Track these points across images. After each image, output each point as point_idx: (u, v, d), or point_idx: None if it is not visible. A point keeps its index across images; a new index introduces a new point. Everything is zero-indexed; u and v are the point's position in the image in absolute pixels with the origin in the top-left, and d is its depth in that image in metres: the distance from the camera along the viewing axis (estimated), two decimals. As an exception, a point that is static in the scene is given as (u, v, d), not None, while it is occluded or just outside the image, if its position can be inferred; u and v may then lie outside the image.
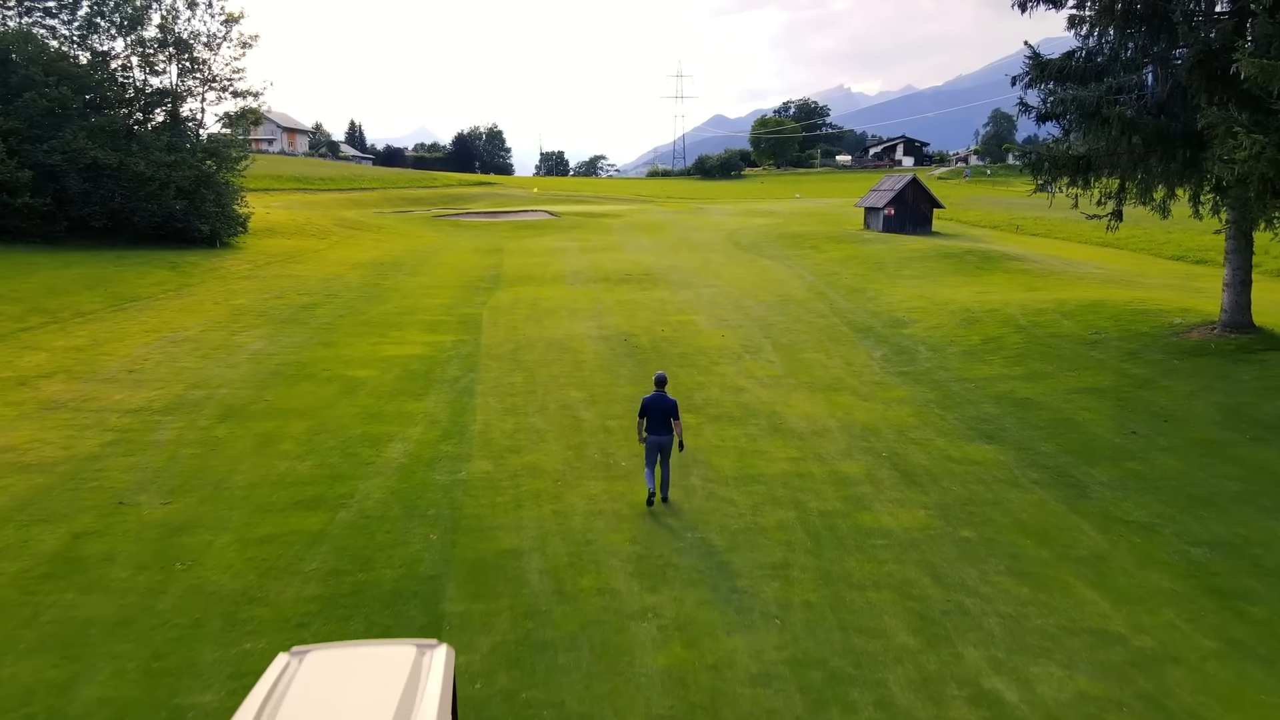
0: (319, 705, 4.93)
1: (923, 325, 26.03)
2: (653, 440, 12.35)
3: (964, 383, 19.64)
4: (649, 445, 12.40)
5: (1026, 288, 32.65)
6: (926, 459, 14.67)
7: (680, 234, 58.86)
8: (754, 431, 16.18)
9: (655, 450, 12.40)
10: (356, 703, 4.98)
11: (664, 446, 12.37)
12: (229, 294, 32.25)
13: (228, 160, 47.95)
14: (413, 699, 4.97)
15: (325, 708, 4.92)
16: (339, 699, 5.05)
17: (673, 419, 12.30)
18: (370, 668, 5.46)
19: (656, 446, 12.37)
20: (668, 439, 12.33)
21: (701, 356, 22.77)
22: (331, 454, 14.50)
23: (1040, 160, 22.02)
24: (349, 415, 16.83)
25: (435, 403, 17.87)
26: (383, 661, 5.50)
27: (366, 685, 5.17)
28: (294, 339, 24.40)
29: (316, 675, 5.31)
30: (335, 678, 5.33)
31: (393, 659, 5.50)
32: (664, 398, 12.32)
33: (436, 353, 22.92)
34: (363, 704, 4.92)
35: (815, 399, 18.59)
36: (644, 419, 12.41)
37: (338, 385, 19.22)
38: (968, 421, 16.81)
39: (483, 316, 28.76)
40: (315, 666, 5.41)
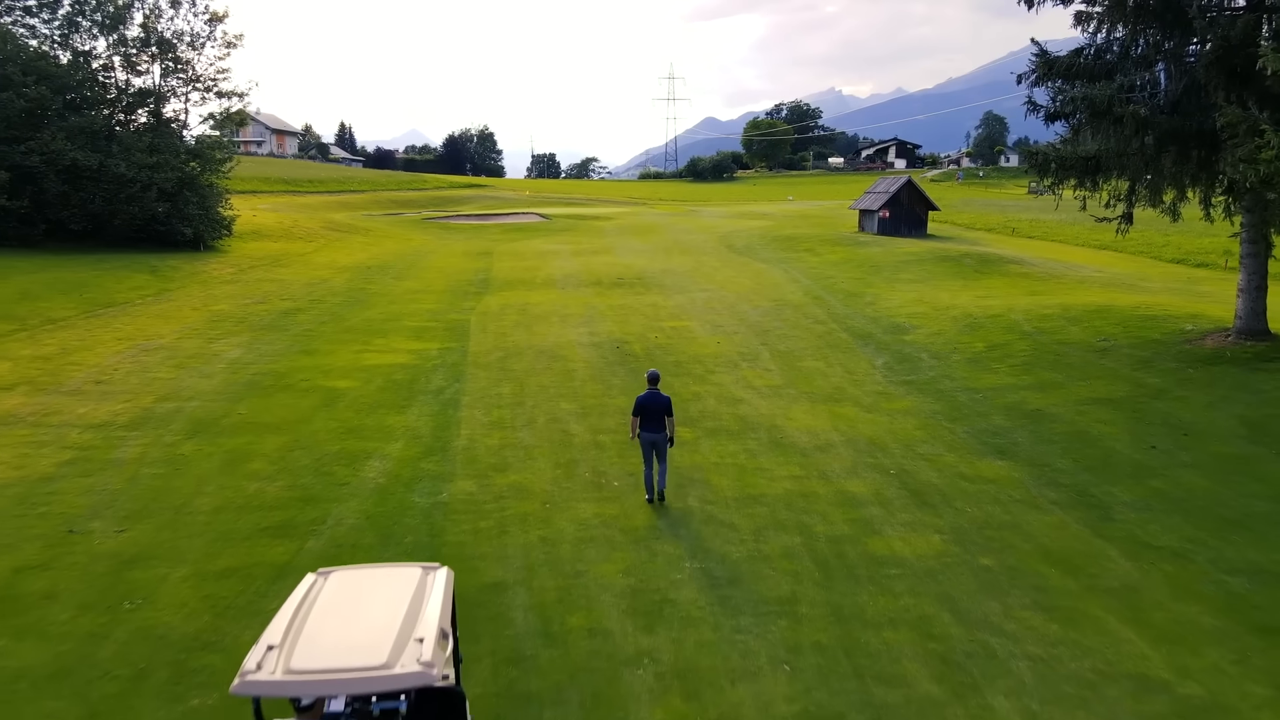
0: (344, 606, 5.99)
1: (924, 331, 25.23)
2: (647, 438, 12.38)
3: (971, 393, 18.83)
4: (644, 443, 12.43)
5: (1028, 292, 31.91)
6: (937, 477, 13.83)
7: (673, 237, 58.02)
8: (754, 447, 15.32)
9: (650, 448, 12.42)
10: (374, 605, 6.02)
11: (658, 444, 12.40)
12: (209, 299, 31.28)
13: (212, 162, 46.99)
14: (420, 602, 6.01)
15: (349, 608, 5.98)
16: (360, 602, 6.10)
17: (666, 415, 12.37)
18: (384, 581, 6.46)
19: (650, 444, 12.39)
20: (662, 436, 12.36)
21: (697, 365, 21.91)
22: (305, 473, 13.58)
23: (1047, 161, 21.23)
24: (326, 430, 15.92)
25: (418, 416, 16.97)
26: (395, 577, 6.48)
27: (382, 593, 6.20)
28: (273, 347, 23.46)
29: (340, 587, 6.30)
30: (356, 588, 6.35)
31: (403, 575, 6.48)
32: (657, 395, 12.37)
33: (421, 361, 22.01)
34: (379, 605, 5.97)
35: (817, 411, 17.76)
36: (638, 417, 12.40)
37: (316, 397, 18.30)
38: (978, 435, 15.99)
39: (470, 323, 27.87)
40: (338, 581, 6.40)
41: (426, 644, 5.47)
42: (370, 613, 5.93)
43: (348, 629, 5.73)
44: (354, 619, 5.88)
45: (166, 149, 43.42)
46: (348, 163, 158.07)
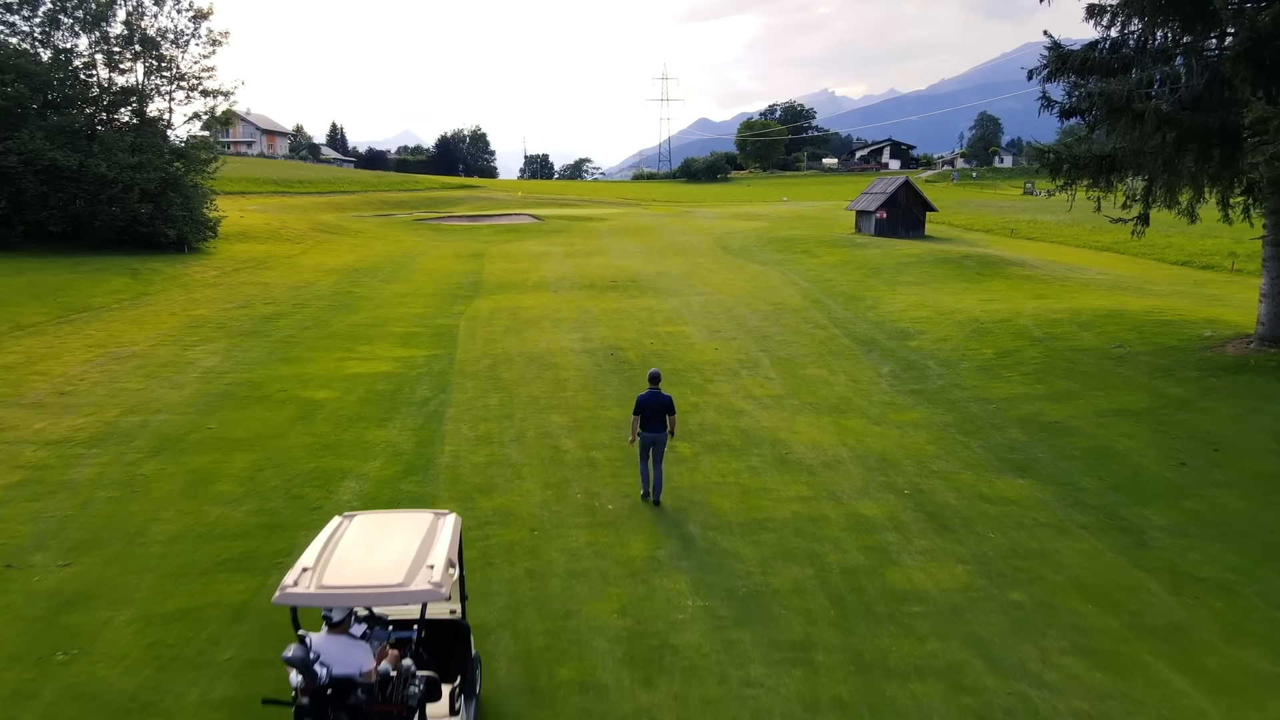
0: (366, 540, 6.83)
1: (929, 337, 24.31)
2: (646, 437, 12.24)
3: (983, 403, 17.89)
4: (642, 442, 12.31)
5: (1033, 295, 31.02)
6: (955, 497, 12.89)
7: (667, 238, 57.08)
8: (757, 464, 14.36)
9: (648, 447, 12.29)
10: (392, 540, 6.81)
11: (657, 444, 12.26)
12: (189, 303, 30.22)
13: (196, 162, 45.90)
14: (431, 539, 6.82)
15: (370, 542, 6.80)
16: (379, 537, 6.92)
17: (668, 415, 12.30)
18: (400, 522, 7.29)
19: (649, 444, 12.26)
20: (662, 436, 12.24)
21: (694, 373, 20.95)
22: (274, 496, 12.57)
23: (1059, 161, 20.34)
24: (301, 446, 14.90)
25: (399, 430, 15.96)
26: (409, 519, 7.33)
27: (398, 531, 7.02)
28: (251, 354, 22.42)
29: (363, 526, 7.13)
30: (376, 527, 7.16)
31: (417, 518, 7.34)
32: (659, 394, 12.26)
33: (406, 370, 21.00)
34: (396, 540, 6.78)
35: (822, 423, 16.80)
36: (639, 416, 12.26)
37: (293, 409, 17.28)
38: (994, 450, 15.05)
39: (459, 328, 26.87)
40: (361, 521, 7.25)
41: (435, 569, 6.38)
42: (388, 545, 6.79)
43: (370, 557, 6.63)
44: (375, 550, 6.75)
45: (149, 149, 42.29)
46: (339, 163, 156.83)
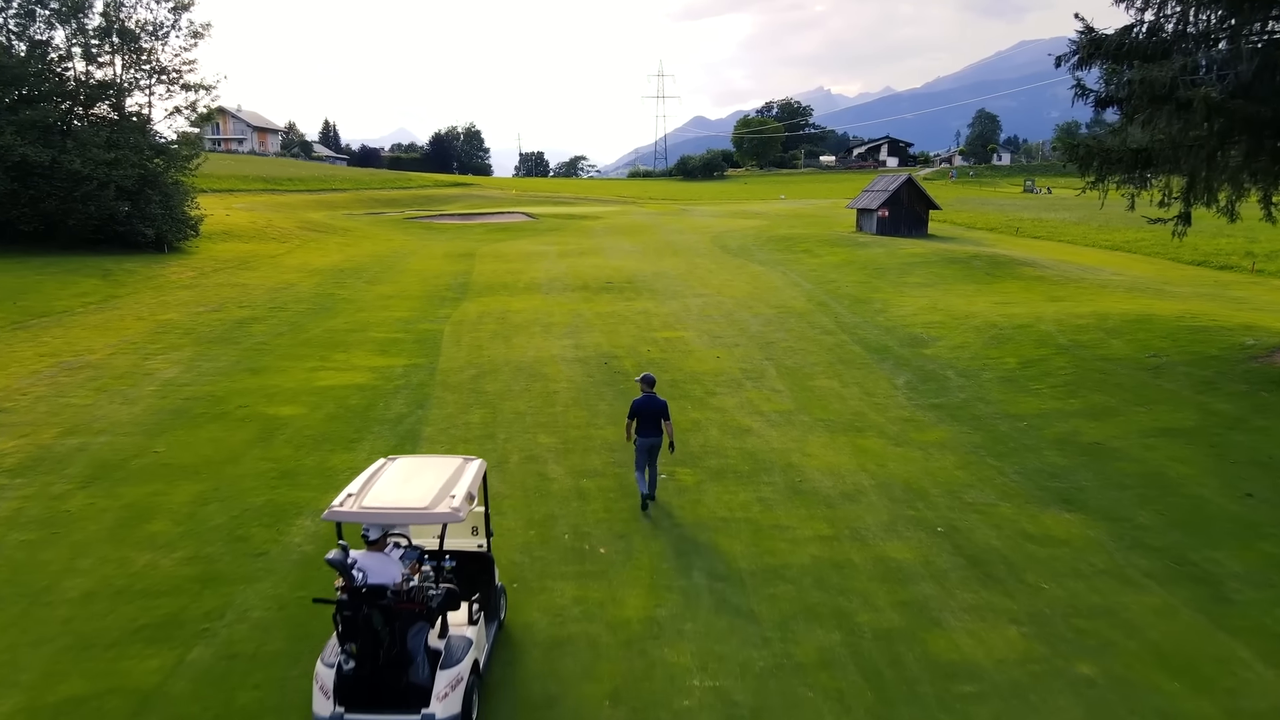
0: (402, 476, 8.08)
1: (945, 344, 22.72)
2: (642, 443, 12.08)
3: (1013, 420, 16.30)
4: (639, 447, 12.14)
5: (1049, 297, 29.46)
6: (995, 536, 11.29)
7: (664, 237, 55.47)
8: (768, 494, 12.75)
9: (645, 453, 12.12)
10: (424, 476, 8.05)
11: (654, 449, 12.13)
12: (160, 307, 28.55)
13: (177, 158, 44.17)
14: (457, 477, 8.05)
15: (406, 478, 8.06)
16: (414, 475, 8.13)
17: (663, 420, 12.10)
18: (432, 464, 8.58)
19: (646, 449, 12.09)
20: (657, 440, 12.09)
21: (695, 384, 19.35)
22: (214, 538, 10.93)
23: (1089, 155, 18.74)
24: (255, 474, 13.26)
25: (368, 454, 14.30)
26: (441, 461, 8.61)
27: (430, 470, 8.27)
28: (217, 363, 20.77)
29: (400, 466, 8.44)
30: (412, 466, 8.46)
31: (447, 461, 8.58)
32: (654, 399, 12.10)
33: (382, 381, 19.36)
34: (427, 477, 8.03)
35: (837, 444, 15.20)
36: (634, 421, 12.10)
37: (253, 428, 15.63)
38: (1032, 477, 13.46)
39: (444, 334, 25.23)
40: (399, 463, 8.51)
41: (456, 499, 7.46)
42: (420, 480, 7.90)
43: (403, 488, 7.74)
44: (408, 483, 7.85)
45: (126, 144, 40.61)
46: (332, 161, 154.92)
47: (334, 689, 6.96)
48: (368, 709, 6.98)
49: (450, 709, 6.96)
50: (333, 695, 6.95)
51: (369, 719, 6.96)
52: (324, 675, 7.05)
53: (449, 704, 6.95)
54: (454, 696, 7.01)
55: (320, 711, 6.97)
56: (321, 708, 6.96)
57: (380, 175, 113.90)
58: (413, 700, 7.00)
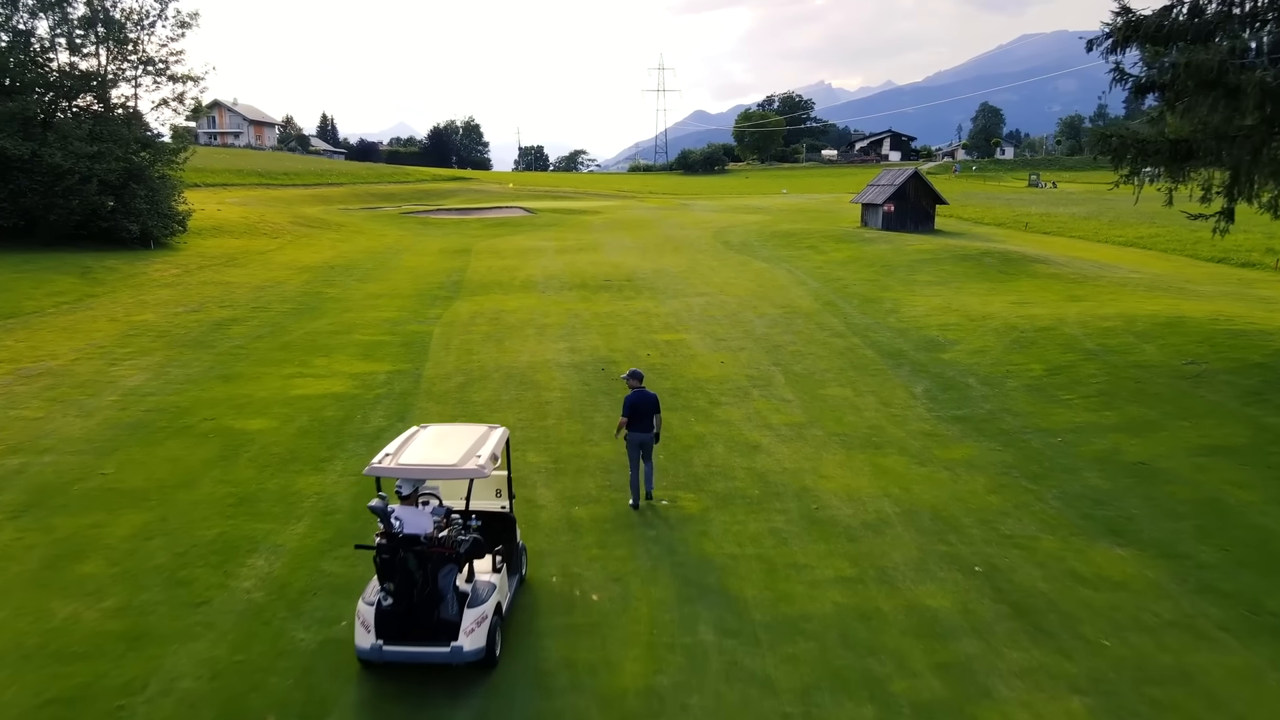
0: (433, 440, 9.06)
1: (964, 348, 21.37)
2: (637, 438, 11.95)
3: (1044, 436, 14.96)
4: (632, 443, 11.97)
5: (1068, 297, 28.11)
6: (1041, 578, 9.95)
7: (664, 232, 54.10)
8: (782, 525, 11.41)
9: (638, 449, 11.99)
10: (452, 440, 8.96)
11: (647, 444, 12.03)
12: (136, 307, 27.22)
13: (164, 152, 42.80)
14: (482, 442, 8.90)
15: (436, 441, 8.99)
16: (443, 439, 9.07)
17: (655, 414, 12.06)
18: (460, 430, 9.57)
19: (639, 444, 11.98)
20: (650, 436, 12.01)
21: (698, 393, 18.02)
22: (152, 582, 9.58)
23: (1124, 147, 17.38)
24: (210, 500, 11.92)
25: (339, 476, 12.98)
26: (468, 429, 9.57)
27: (458, 436, 9.20)
28: (188, 370, 19.44)
29: (431, 432, 9.45)
30: (442, 433, 9.46)
31: (474, 428, 9.51)
32: (645, 393, 12.05)
33: (363, 390, 18.03)
34: (455, 441, 8.93)
35: (855, 463, 13.86)
36: (627, 418, 11.90)
37: (215, 445, 14.30)
38: (1074, 503, 12.12)
39: (433, 336, 23.91)
40: (431, 430, 9.54)
41: (481, 459, 8.44)
42: (449, 443, 8.90)
43: (434, 449, 8.78)
44: (439, 445, 8.88)
45: (110, 137, 39.26)
46: (329, 155, 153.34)
47: (374, 623, 7.79)
48: (403, 641, 7.78)
49: (476, 643, 7.78)
50: (373, 629, 7.78)
51: (404, 650, 7.77)
52: (365, 612, 7.87)
53: (475, 638, 7.77)
54: (479, 632, 7.81)
55: (361, 644, 7.80)
56: (363, 640, 7.79)
57: (377, 169, 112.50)
58: (443, 634, 7.82)
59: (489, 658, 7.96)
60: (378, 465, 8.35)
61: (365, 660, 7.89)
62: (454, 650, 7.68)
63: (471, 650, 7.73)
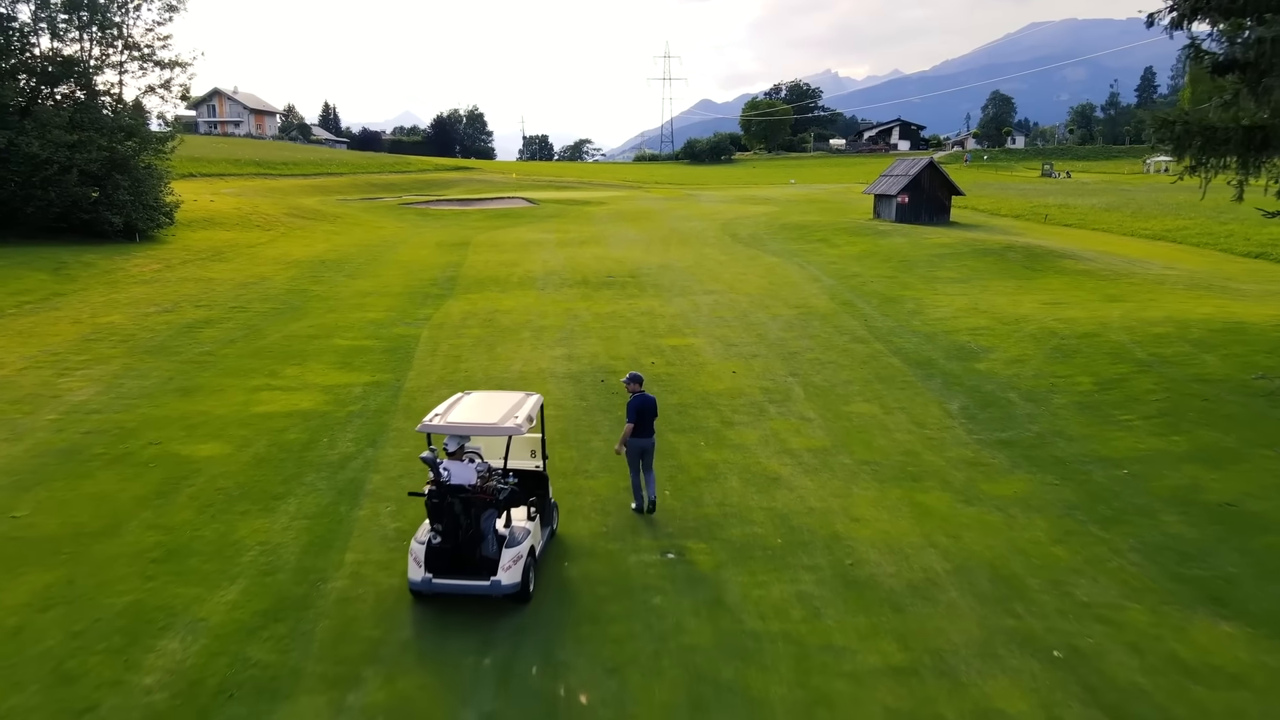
0: (476, 404, 9.96)
1: (999, 357, 19.42)
2: (639, 444, 11.50)
3: (1107, 466, 13.02)
4: (633, 450, 11.51)
5: (1104, 297, 26.13)
6: (1139, 669, 8.04)
7: (670, 224, 52.12)
8: (812, 587, 9.51)
9: (642, 455, 11.58)
10: (493, 404, 9.90)
11: (649, 450, 11.62)
12: (106, 307, 25.37)
13: (150, 140, 40.94)
14: (520, 405, 9.80)
15: (479, 404, 9.91)
16: (485, 403, 9.95)
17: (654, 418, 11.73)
18: (500, 396, 10.36)
19: (643, 451, 11.56)
20: (652, 440, 11.63)
21: (708, 410, 16.12)
22: (31, 676, 7.71)
23: (1188, 134, 15.39)
24: (132, 553, 10.05)
25: (290, 519, 11.11)
26: (506, 395, 10.34)
27: (498, 400, 10.11)
28: (145, 381, 17.61)
29: (475, 397, 10.29)
30: (484, 397, 10.26)
31: (512, 394, 10.33)
32: (646, 397, 11.66)
33: (334, 407, 16.16)
34: (496, 404, 9.86)
35: (891, 500, 11.95)
36: (633, 424, 11.41)
37: (155, 477, 12.44)
38: (1156, 557, 10.19)
39: (420, 340, 22.04)
40: (474, 395, 10.38)
41: (519, 419, 9.31)
42: (490, 407, 9.77)
43: (477, 410, 9.71)
44: (481, 407, 9.80)
45: (91, 125, 37.44)
46: (331, 144, 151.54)
47: (424, 559, 8.77)
48: (450, 575, 8.77)
49: (513, 578, 8.73)
50: (423, 564, 8.75)
51: (450, 583, 8.76)
52: (417, 550, 8.86)
53: (511, 574, 8.72)
54: (515, 569, 8.76)
55: (414, 577, 8.78)
56: (415, 574, 8.77)
57: (378, 159, 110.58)
58: (483, 570, 8.80)
59: (523, 592, 8.94)
60: (429, 423, 9.42)
61: (416, 591, 8.93)
62: (493, 584, 8.74)
63: (508, 584, 8.77)
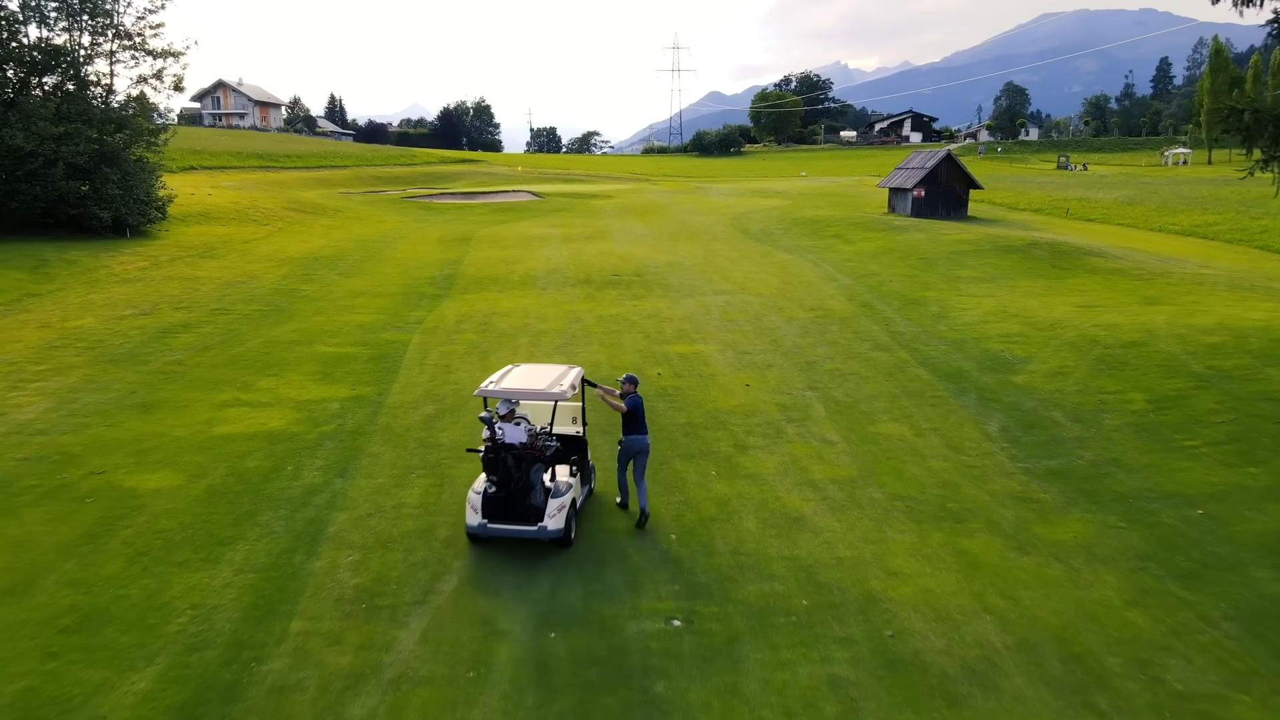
0: (525, 373, 11.27)
1: (1038, 368, 17.75)
2: (636, 444, 11.24)
3: (1178, 505, 11.37)
4: (630, 451, 11.28)
5: (1142, 299, 24.40)
6: (1260, 789, 6.45)
7: (679, 218, 50.45)
8: (846, 669, 7.89)
9: (631, 457, 11.34)
10: (541, 374, 11.16)
11: (644, 453, 11.33)
12: (80, 309, 23.89)
13: (141, 132, 39.41)
14: (564, 375, 11.02)
15: (528, 374, 11.21)
16: (533, 373, 11.25)
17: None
18: (547, 367, 11.66)
19: (637, 452, 11.28)
20: (647, 443, 11.37)
21: (720, 431, 14.51)
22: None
23: (1259, 123, 13.71)
24: (41, 619, 8.49)
25: (234, 573, 9.54)
26: (552, 368, 11.53)
27: (545, 370, 11.38)
28: (104, 395, 16.09)
29: (525, 368, 11.65)
30: (531, 369, 11.58)
31: (556, 367, 11.59)
32: (638, 396, 11.48)
33: (306, 427, 14.59)
34: (544, 374, 11.14)
35: (931, 547, 10.32)
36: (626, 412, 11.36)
37: (90, 515, 10.89)
38: (1255, 627, 8.54)
39: (409, 346, 20.50)
40: (523, 366, 11.74)
41: (564, 385, 10.57)
42: (539, 376, 11.05)
43: (527, 378, 10.98)
44: (530, 376, 11.09)
45: (79, 117, 35.93)
46: (337, 137, 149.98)
47: (480, 507, 10.16)
48: (502, 521, 10.14)
49: (557, 524, 10.01)
50: (479, 511, 10.15)
51: (503, 528, 10.10)
52: (474, 499, 10.28)
53: (556, 521, 10.00)
54: (560, 516, 10.05)
55: (471, 522, 10.20)
56: (472, 519, 10.19)
57: (383, 152, 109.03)
58: (531, 517, 10.11)
59: (566, 538, 10.18)
60: (486, 388, 10.67)
61: (473, 535, 10.19)
62: (540, 529, 9.90)
63: (553, 530, 9.93)
